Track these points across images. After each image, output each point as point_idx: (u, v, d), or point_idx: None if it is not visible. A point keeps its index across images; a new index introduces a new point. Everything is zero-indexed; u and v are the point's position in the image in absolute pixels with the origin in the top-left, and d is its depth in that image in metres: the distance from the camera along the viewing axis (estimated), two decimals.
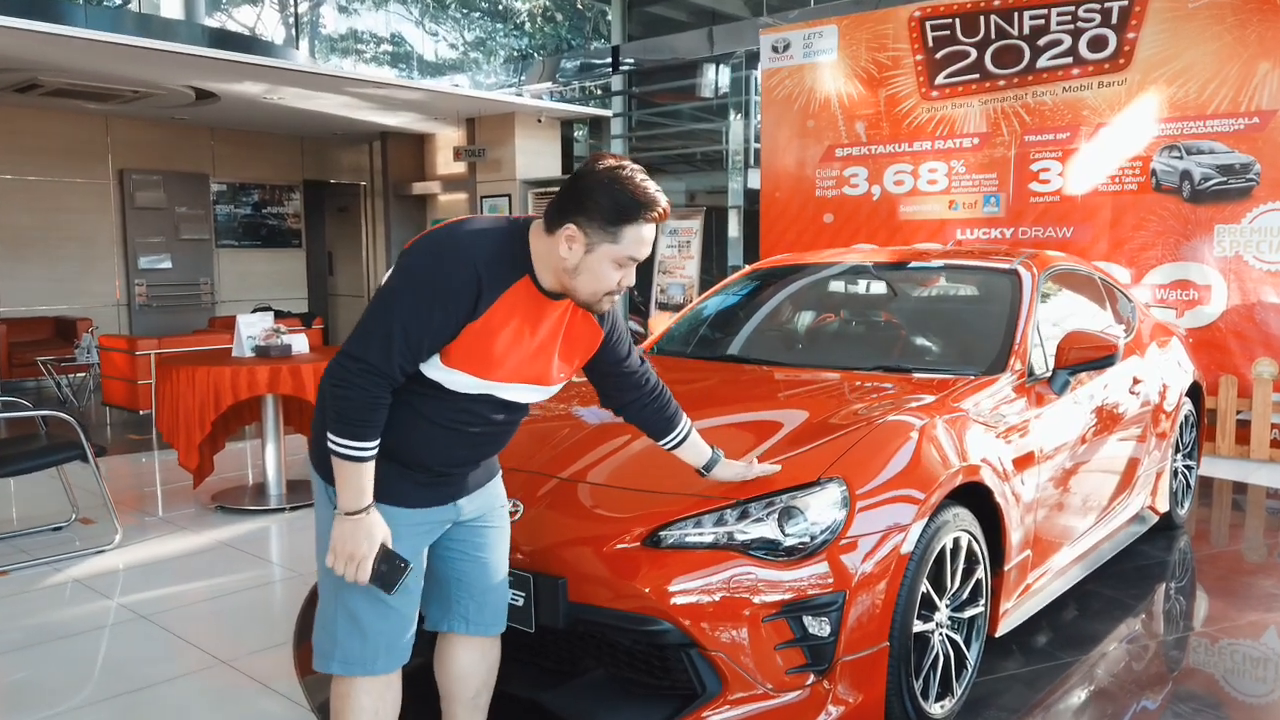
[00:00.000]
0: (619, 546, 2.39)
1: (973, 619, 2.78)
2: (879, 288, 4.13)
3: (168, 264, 10.78)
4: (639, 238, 1.88)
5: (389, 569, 1.89)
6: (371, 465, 1.87)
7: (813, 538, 2.36)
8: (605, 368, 2.23)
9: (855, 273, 4.16)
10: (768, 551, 2.34)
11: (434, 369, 1.89)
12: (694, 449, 2.40)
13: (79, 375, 8.96)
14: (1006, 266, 3.72)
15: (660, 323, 4.25)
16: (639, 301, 11.14)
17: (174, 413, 4.72)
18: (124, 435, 7.31)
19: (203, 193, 11.13)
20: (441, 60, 18.56)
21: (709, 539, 2.37)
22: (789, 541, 2.35)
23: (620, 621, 2.33)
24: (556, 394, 2.18)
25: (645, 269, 10.70)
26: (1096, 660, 3.21)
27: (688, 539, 2.37)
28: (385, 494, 1.94)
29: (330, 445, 1.84)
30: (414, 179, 12.16)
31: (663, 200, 1.90)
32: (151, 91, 8.66)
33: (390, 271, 1.88)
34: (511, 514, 2.55)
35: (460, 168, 11.16)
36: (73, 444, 4.26)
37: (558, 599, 2.37)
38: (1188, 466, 4.76)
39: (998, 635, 2.96)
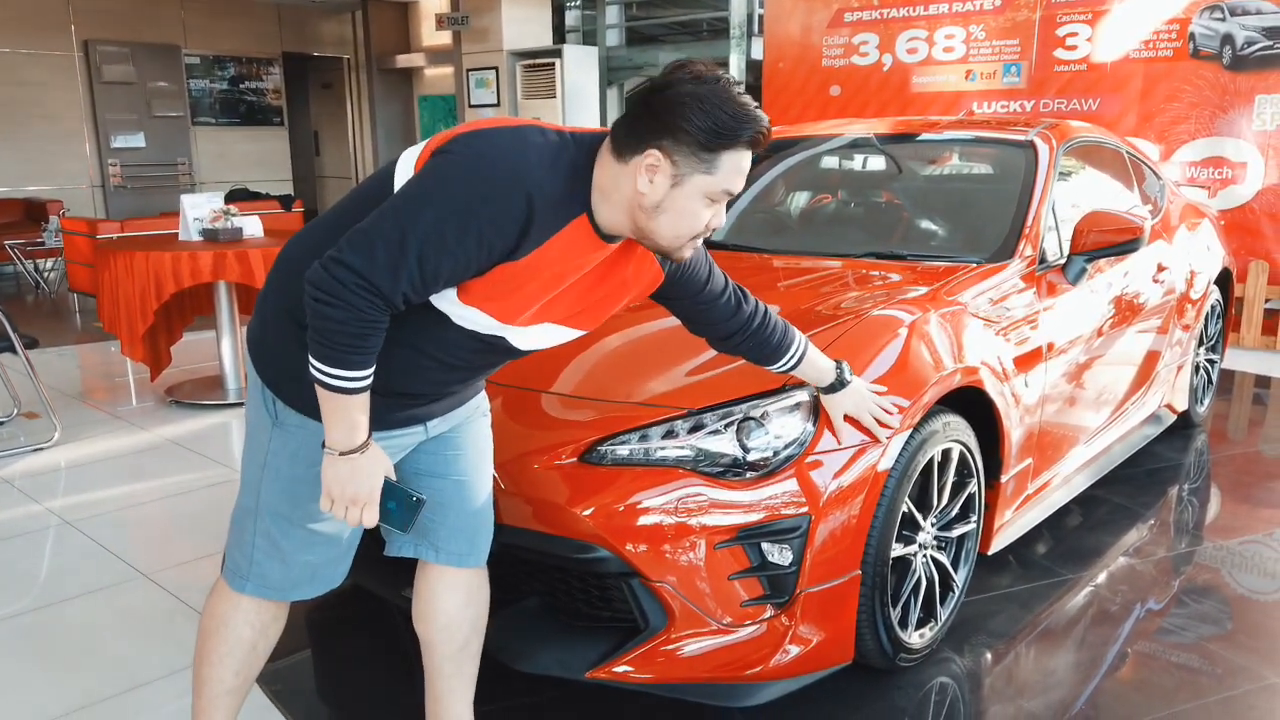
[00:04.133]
0: (553, 463, 2.06)
1: (962, 538, 2.48)
2: (878, 164, 3.68)
3: (141, 142, 10.26)
4: (738, 166, 1.49)
5: (399, 507, 1.56)
6: (367, 396, 1.49)
7: (775, 453, 2.02)
8: (672, 295, 1.83)
9: (852, 147, 3.70)
10: (723, 469, 2.02)
11: (446, 301, 1.52)
12: (812, 369, 2.00)
13: (52, 260, 8.62)
14: (1021, 139, 3.26)
15: None
16: None
17: (114, 301, 4.38)
18: (91, 323, 7.01)
19: (175, 66, 10.50)
20: None
21: (655, 455, 2.04)
22: (749, 457, 2.02)
23: (553, 548, 2.02)
24: None
25: None
26: (1099, 576, 2.92)
27: (631, 455, 2.04)
28: None
29: (314, 374, 1.46)
30: (398, 51, 11.47)
31: (764, 119, 1.48)
32: None
33: (417, 173, 1.48)
34: None
35: (445, 38, 10.47)
36: None
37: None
38: (1210, 361, 4.39)
39: (990, 554, 2.67)
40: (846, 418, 2.05)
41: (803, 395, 2.08)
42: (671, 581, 1.98)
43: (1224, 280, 4.36)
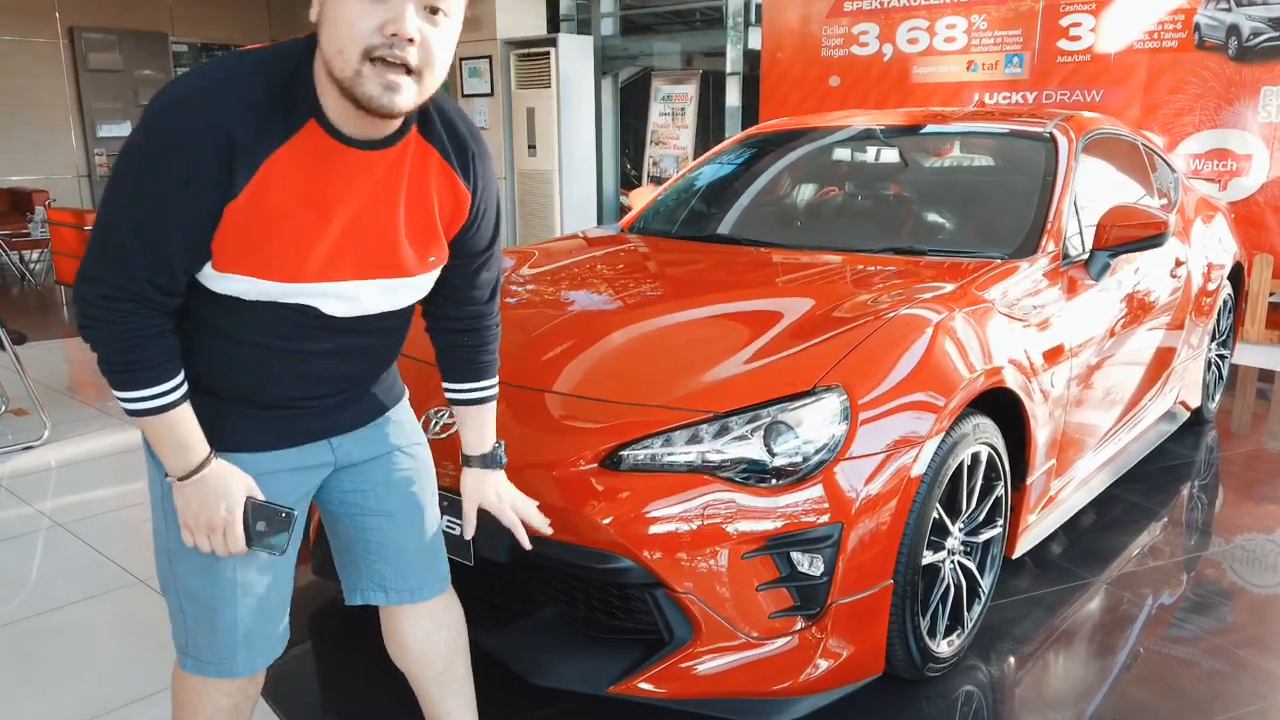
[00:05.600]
0: (572, 468, 1.98)
1: (988, 543, 2.42)
2: (891, 156, 3.61)
3: (128, 131, 10.08)
4: None
5: (269, 524, 1.40)
6: (185, 409, 1.35)
7: (805, 459, 1.94)
8: (462, 248, 1.53)
9: (864, 138, 3.62)
10: (751, 475, 1.94)
11: (211, 279, 1.31)
12: (479, 422, 1.72)
13: (38, 252, 8.46)
14: (1040, 130, 3.19)
15: (642, 197, 3.74)
16: (632, 175, 10.53)
17: None
18: None
19: (162, 54, 10.33)
20: None
21: (680, 460, 1.96)
22: (777, 463, 1.94)
23: (573, 557, 1.94)
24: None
25: (637, 139, 10.04)
26: (1120, 578, 2.86)
27: (654, 460, 1.96)
28: (217, 437, 1.41)
29: (122, 406, 1.33)
30: None
31: None
32: None
33: None
34: (448, 426, 2.15)
35: None
36: None
37: (501, 529, 1.97)
38: (1221, 356, 4.34)
39: (1014, 557, 2.61)
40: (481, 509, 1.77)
41: (834, 398, 2.00)
42: (696, 593, 1.90)
43: (1235, 274, 4.31)
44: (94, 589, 2.77)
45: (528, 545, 1.79)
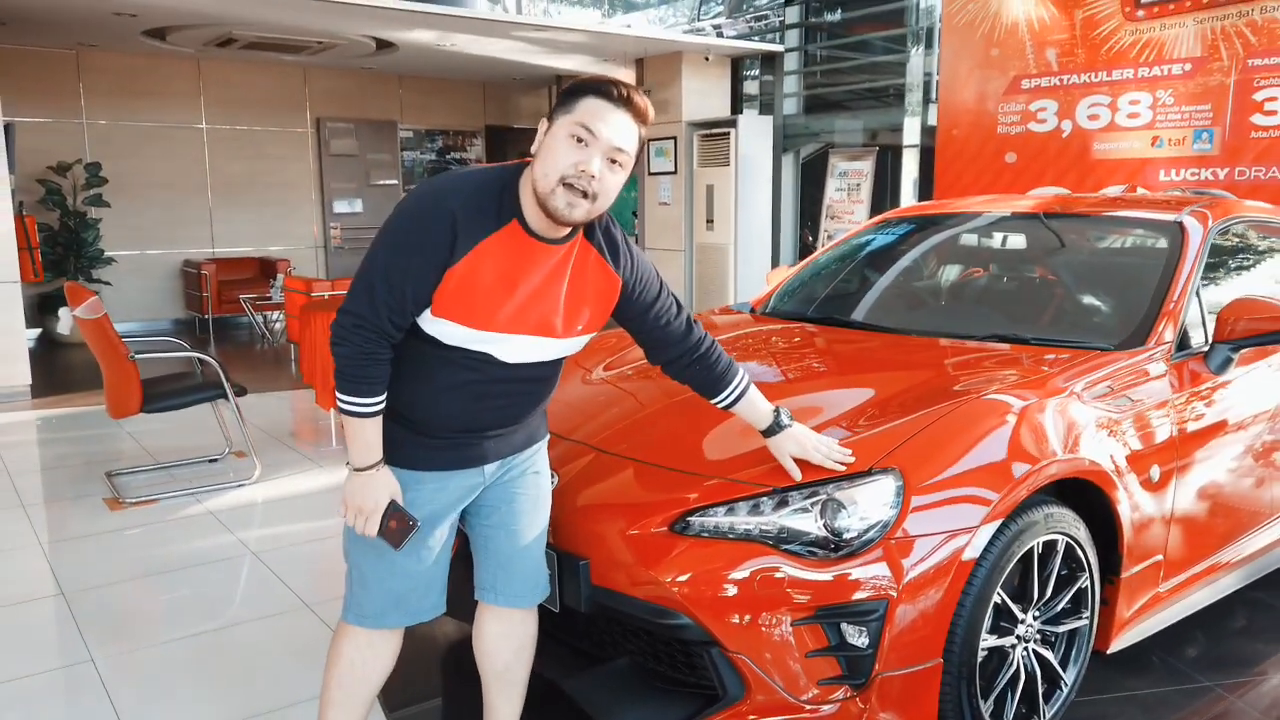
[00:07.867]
0: (646, 529, 2.21)
1: (1073, 634, 2.41)
2: (1017, 243, 3.63)
3: (359, 208, 11.37)
4: (594, 109, 1.79)
5: (398, 525, 1.90)
6: (378, 422, 1.88)
7: (857, 535, 2.08)
8: (632, 315, 2.12)
9: (988, 226, 3.67)
10: (805, 547, 2.09)
11: (426, 321, 1.86)
12: (752, 409, 2.22)
13: (277, 313, 9.66)
14: (1169, 218, 3.15)
15: (776, 278, 3.96)
16: (811, 246, 10.69)
17: (312, 355, 4.93)
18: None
19: (391, 139, 11.61)
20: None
21: (741, 529, 2.14)
22: (830, 537, 2.09)
23: (640, 611, 2.16)
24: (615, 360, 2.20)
25: (813, 212, 10.23)
26: (1244, 689, 2.72)
27: (717, 527, 2.16)
28: (400, 457, 1.94)
29: (339, 404, 1.87)
30: None
31: (620, 80, 1.83)
32: (335, 42, 9.04)
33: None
34: None
35: None
36: (215, 384, 4.54)
37: (580, 580, 2.23)
38: None
39: (1110, 651, 2.56)
40: (798, 461, 2.18)
41: (889, 480, 2.12)
42: (749, 654, 2.07)
43: None
44: (268, 610, 3.25)
45: (797, 477, 2.16)
